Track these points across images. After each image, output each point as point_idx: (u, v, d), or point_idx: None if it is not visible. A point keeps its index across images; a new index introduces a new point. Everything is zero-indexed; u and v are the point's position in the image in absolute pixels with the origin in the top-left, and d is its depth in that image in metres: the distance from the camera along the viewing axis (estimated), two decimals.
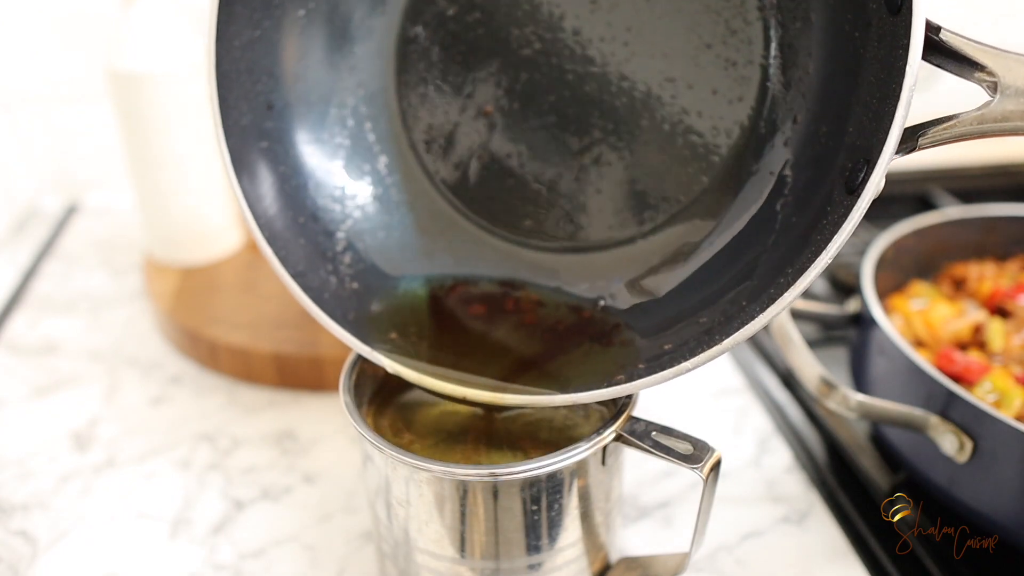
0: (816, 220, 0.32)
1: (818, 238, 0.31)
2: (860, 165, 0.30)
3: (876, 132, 0.29)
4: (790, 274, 0.31)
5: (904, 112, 0.28)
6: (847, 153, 0.32)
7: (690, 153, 0.38)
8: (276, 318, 0.59)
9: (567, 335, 0.39)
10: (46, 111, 0.83)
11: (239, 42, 0.37)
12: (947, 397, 0.41)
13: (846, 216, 0.29)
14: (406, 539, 0.36)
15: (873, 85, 0.31)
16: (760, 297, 0.32)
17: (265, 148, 0.39)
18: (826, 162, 0.33)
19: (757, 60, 0.36)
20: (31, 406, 0.56)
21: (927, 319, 0.51)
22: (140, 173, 0.63)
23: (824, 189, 0.33)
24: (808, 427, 0.53)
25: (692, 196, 0.39)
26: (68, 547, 0.45)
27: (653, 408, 0.54)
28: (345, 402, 0.36)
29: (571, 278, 0.41)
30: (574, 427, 0.38)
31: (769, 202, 0.36)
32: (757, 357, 0.61)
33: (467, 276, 0.42)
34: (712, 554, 0.44)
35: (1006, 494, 0.41)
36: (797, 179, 0.35)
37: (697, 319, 0.35)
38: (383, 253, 0.42)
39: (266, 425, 0.54)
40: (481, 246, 0.42)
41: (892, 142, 0.28)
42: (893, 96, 0.28)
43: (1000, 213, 0.58)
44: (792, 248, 0.33)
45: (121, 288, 0.69)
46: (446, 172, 0.42)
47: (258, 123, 0.38)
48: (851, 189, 0.30)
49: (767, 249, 0.35)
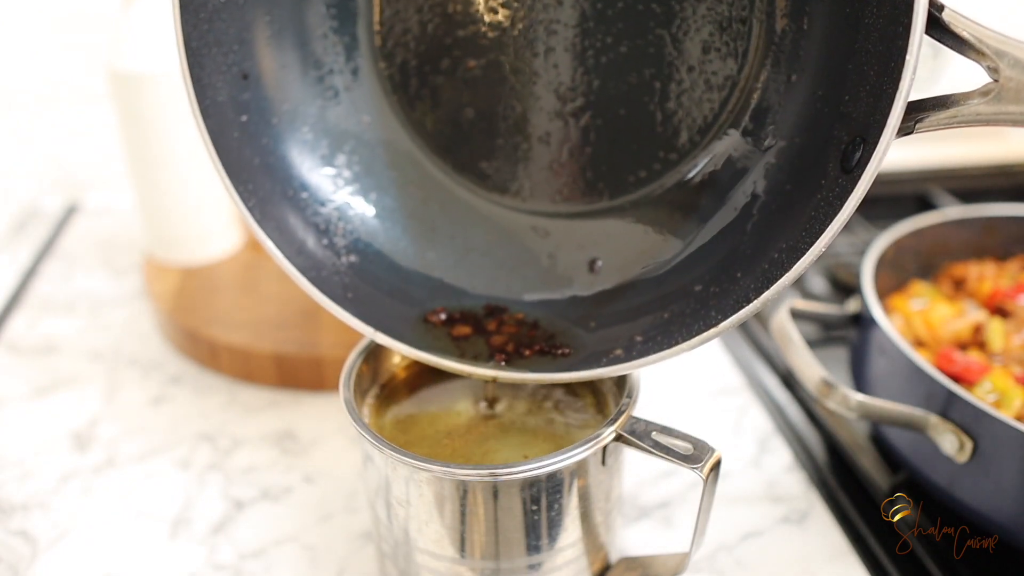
0: (810, 194, 0.32)
1: (813, 215, 0.31)
2: (856, 143, 0.30)
3: (874, 110, 0.29)
4: (784, 252, 0.31)
5: (905, 94, 0.27)
6: (842, 124, 0.31)
7: (683, 110, 0.38)
8: (276, 318, 0.59)
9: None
10: (46, 111, 0.83)
11: (204, 13, 0.35)
12: (947, 397, 0.41)
13: (845, 196, 0.29)
14: (406, 539, 0.36)
15: (871, 56, 0.30)
16: (754, 270, 0.32)
17: (245, 122, 0.38)
18: (820, 130, 0.33)
19: (754, 14, 0.36)
20: (31, 406, 0.56)
21: (927, 319, 0.51)
22: (140, 173, 0.63)
23: (818, 159, 0.32)
24: (808, 427, 0.53)
25: (684, 153, 0.39)
26: (68, 547, 0.45)
27: (653, 408, 0.54)
28: (345, 402, 0.36)
29: (564, 241, 0.41)
30: (575, 429, 0.38)
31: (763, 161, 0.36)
32: (757, 357, 0.61)
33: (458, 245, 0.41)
34: (712, 554, 0.44)
35: (1006, 494, 0.41)
36: (791, 142, 0.35)
37: (693, 287, 0.35)
38: (375, 219, 0.41)
39: (266, 425, 0.54)
40: (470, 211, 0.42)
41: (893, 122, 0.28)
42: (892, 74, 0.28)
43: (1000, 213, 0.58)
44: (785, 221, 0.32)
45: (121, 288, 0.69)
46: (431, 127, 0.42)
47: (235, 96, 0.37)
48: (847, 168, 0.30)
49: (760, 210, 0.35)
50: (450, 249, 0.42)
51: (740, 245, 0.35)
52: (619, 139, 0.40)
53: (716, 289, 0.34)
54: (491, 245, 0.42)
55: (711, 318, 0.32)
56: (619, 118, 0.40)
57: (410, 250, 0.42)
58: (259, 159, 0.38)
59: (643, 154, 0.40)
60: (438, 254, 0.42)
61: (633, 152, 0.40)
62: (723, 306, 0.32)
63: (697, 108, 0.38)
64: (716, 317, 0.32)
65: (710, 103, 0.38)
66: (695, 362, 0.60)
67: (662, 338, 0.34)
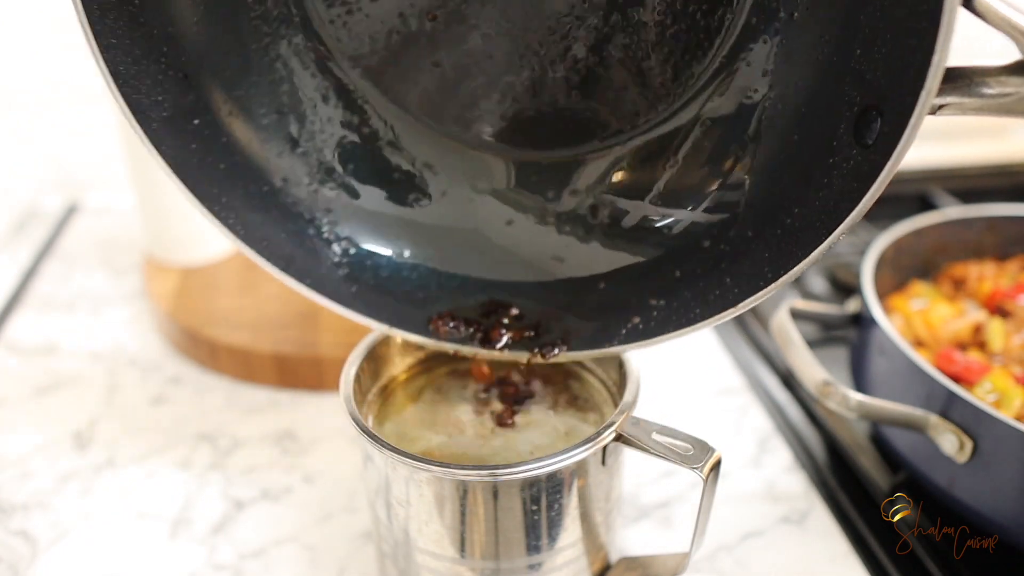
0: (820, 155, 0.30)
1: (826, 184, 0.29)
2: (872, 115, 0.27)
3: (897, 76, 0.26)
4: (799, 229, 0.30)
5: (938, 64, 0.24)
6: (854, 81, 0.29)
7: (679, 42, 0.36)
8: (276, 318, 0.59)
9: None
10: (46, 111, 0.83)
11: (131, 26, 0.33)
12: (947, 397, 0.41)
13: (871, 178, 0.26)
14: (406, 539, 0.36)
15: (889, 6, 0.27)
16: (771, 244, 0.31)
17: (198, 125, 0.35)
18: (827, 80, 0.30)
19: None
20: (31, 406, 0.56)
21: (927, 319, 0.51)
22: (140, 173, 0.63)
23: (825, 117, 0.30)
24: (808, 427, 0.53)
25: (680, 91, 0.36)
26: (68, 547, 0.45)
27: (653, 408, 0.54)
28: (346, 401, 0.36)
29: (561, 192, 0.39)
30: (576, 429, 0.38)
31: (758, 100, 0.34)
32: (757, 357, 0.61)
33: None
34: (712, 554, 0.44)
35: (1006, 494, 0.41)
36: (789, 83, 0.33)
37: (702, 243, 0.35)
38: (357, 198, 0.39)
39: (266, 425, 0.54)
40: (453, 155, 0.39)
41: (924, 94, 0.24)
42: (923, 37, 0.24)
43: (1000, 213, 0.58)
44: (796, 183, 0.31)
45: (121, 288, 0.69)
46: (392, 82, 0.39)
47: (179, 104, 0.34)
48: (863, 141, 0.28)
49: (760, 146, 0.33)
50: (449, 235, 0.41)
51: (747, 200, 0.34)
52: (609, 86, 0.38)
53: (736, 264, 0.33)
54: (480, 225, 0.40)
55: (732, 296, 0.32)
56: (611, 64, 0.37)
57: (397, 229, 0.40)
58: (224, 163, 0.36)
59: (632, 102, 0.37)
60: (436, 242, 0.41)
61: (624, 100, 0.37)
62: (742, 284, 0.32)
63: (686, 52, 0.36)
64: (738, 295, 0.31)
65: (699, 46, 0.35)
66: (695, 362, 0.60)
67: (679, 315, 0.34)
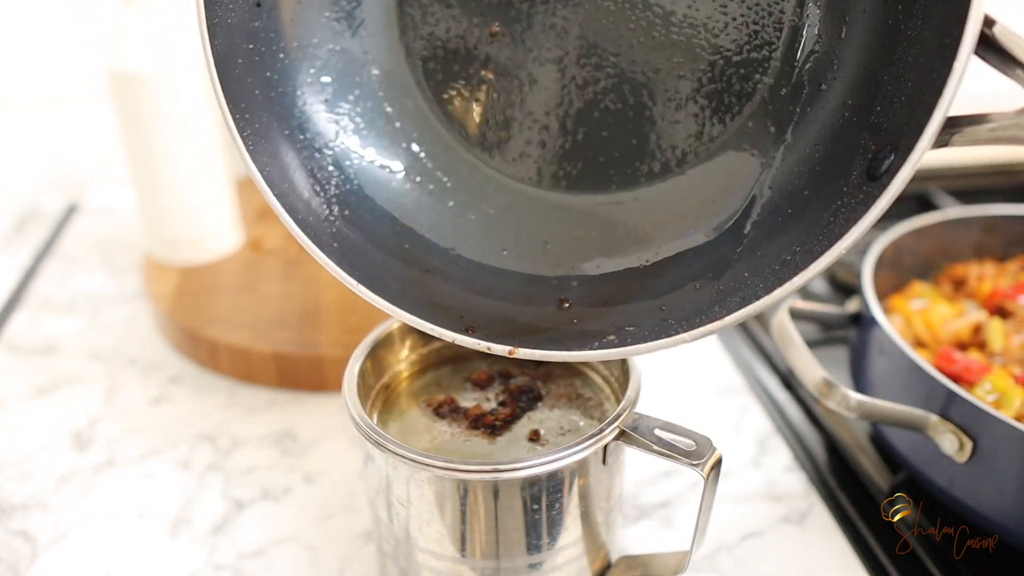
0: (829, 200, 0.31)
1: (832, 220, 0.30)
2: (886, 152, 0.29)
3: (909, 120, 0.28)
4: (798, 254, 0.31)
5: (946, 107, 0.26)
6: (872, 134, 0.31)
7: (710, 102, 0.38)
8: (276, 318, 0.59)
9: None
10: (46, 111, 0.83)
11: None
12: (947, 397, 0.41)
13: (870, 203, 0.28)
14: (407, 538, 0.36)
15: (910, 67, 0.29)
16: (763, 271, 0.32)
17: (251, 50, 0.36)
18: (847, 139, 0.32)
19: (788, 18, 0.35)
20: (31, 406, 0.56)
21: (927, 319, 0.51)
22: (140, 173, 0.63)
23: (841, 166, 0.32)
24: (808, 427, 0.53)
25: (703, 144, 0.38)
26: (68, 547, 0.45)
27: (653, 408, 0.54)
28: (347, 400, 0.36)
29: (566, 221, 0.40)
30: (578, 428, 0.38)
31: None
32: (757, 357, 0.61)
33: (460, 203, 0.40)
34: (712, 554, 0.44)
35: (1006, 494, 0.41)
36: (813, 148, 0.34)
37: (694, 284, 0.35)
38: (371, 173, 0.40)
39: (266, 425, 0.54)
40: (476, 175, 0.41)
41: (929, 134, 0.27)
42: (934, 86, 0.27)
43: (1000, 213, 0.58)
44: (799, 223, 0.32)
45: (121, 288, 0.69)
46: (443, 89, 0.41)
47: (245, 22, 0.36)
48: (874, 175, 0.29)
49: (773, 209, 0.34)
50: (447, 212, 0.41)
51: (746, 242, 0.35)
52: (624, 133, 0.39)
53: (722, 287, 0.34)
54: (492, 215, 0.41)
55: (713, 313, 0.32)
56: (632, 108, 0.39)
57: (405, 210, 0.40)
58: (261, 92, 0.37)
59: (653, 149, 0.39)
60: (435, 216, 0.41)
61: (650, 147, 0.39)
62: (729, 303, 0.32)
63: (713, 113, 0.38)
64: (720, 312, 0.31)
65: (729, 109, 0.37)
66: (696, 362, 0.60)
67: (658, 329, 0.33)
